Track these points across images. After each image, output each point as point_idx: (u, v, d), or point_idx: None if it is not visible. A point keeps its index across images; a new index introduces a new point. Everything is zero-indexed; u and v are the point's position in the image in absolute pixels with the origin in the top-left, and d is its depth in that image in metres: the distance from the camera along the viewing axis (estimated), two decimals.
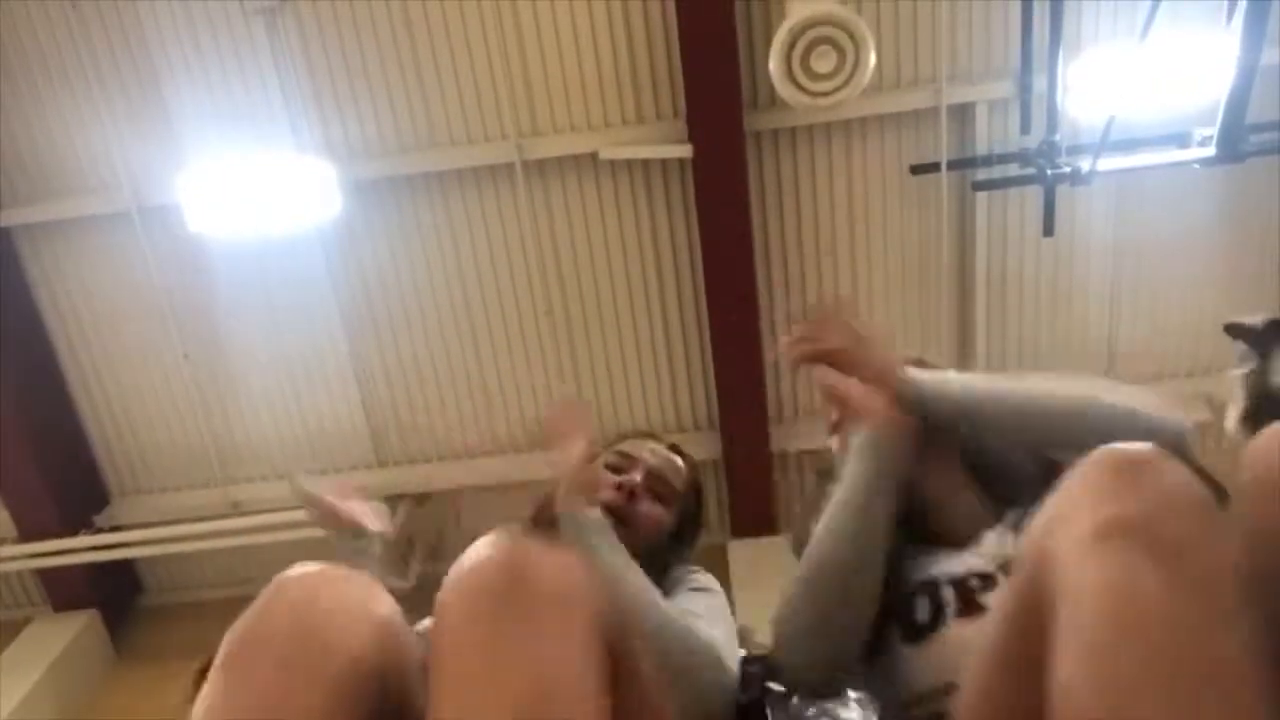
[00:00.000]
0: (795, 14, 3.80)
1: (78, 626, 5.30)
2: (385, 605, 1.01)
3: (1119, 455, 0.85)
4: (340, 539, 1.50)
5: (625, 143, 4.62)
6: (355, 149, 4.73)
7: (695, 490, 1.62)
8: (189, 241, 4.76)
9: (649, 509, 1.50)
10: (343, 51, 4.56)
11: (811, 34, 3.79)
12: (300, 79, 4.61)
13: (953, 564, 1.28)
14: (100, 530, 5.33)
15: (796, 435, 5.18)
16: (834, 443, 1.54)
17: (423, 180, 4.80)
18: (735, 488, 5.07)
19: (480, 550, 0.93)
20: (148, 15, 4.52)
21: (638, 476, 1.50)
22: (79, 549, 5.19)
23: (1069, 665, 0.78)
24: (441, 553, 5.60)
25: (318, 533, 1.52)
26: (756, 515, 4.96)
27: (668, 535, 1.52)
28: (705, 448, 5.16)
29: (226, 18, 4.51)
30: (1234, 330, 1.80)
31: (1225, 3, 3.28)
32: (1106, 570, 0.78)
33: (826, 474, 1.48)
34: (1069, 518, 0.84)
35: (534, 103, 4.63)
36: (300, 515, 5.01)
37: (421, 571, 5.44)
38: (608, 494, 1.45)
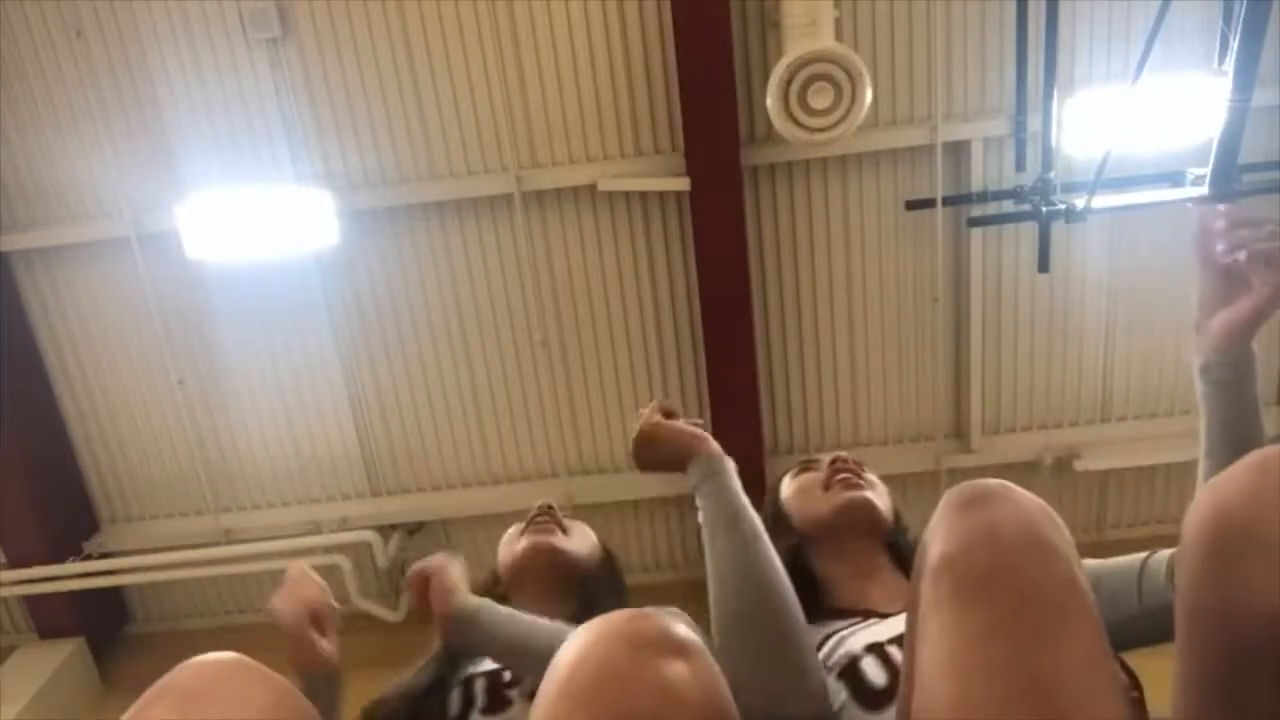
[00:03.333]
0: (793, 50, 3.85)
1: (64, 654, 5.24)
2: (291, 710, 0.89)
3: (964, 491, 0.90)
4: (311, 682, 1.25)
5: (623, 175, 4.66)
6: (354, 179, 4.75)
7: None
8: (186, 268, 4.77)
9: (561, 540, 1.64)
10: (344, 82, 4.59)
11: (809, 70, 3.84)
12: (301, 109, 4.65)
13: (887, 628, 1.29)
14: (89, 557, 5.28)
15: (792, 467, 5.15)
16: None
17: (420, 211, 4.81)
18: None
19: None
20: (151, 44, 4.56)
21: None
22: (66, 576, 5.15)
23: (914, 699, 0.84)
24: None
25: (311, 562, 1.45)
26: None
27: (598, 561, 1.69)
28: None
29: (229, 48, 4.56)
30: None
31: (1217, 44, 3.32)
32: (934, 605, 0.83)
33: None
34: (926, 551, 0.89)
35: (533, 135, 4.67)
36: (292, 544, 5.00)
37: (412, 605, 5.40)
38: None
